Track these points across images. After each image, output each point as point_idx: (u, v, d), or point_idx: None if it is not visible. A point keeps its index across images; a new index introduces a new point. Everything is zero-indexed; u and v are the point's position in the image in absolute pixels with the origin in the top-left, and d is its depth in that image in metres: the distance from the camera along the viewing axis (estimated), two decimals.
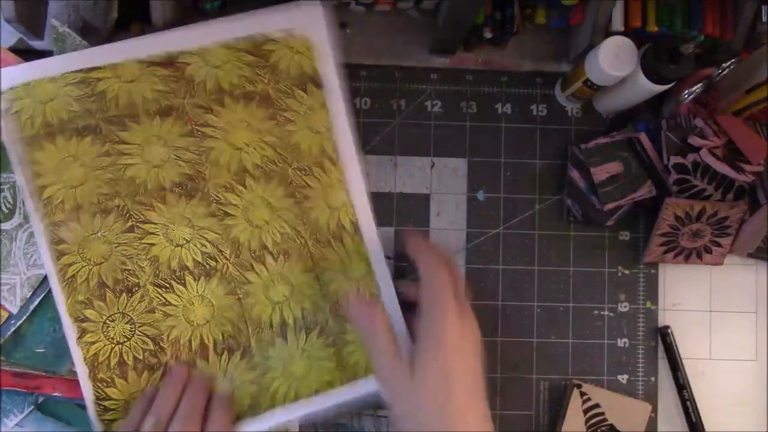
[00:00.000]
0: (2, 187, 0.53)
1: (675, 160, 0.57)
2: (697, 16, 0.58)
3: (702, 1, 0.58)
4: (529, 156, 0.62)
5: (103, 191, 0.52)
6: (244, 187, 0.52)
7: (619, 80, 0.55)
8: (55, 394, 0.52)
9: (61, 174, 0.51)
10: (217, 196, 0.52)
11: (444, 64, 0.62)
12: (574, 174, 0.59)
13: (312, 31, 0.52)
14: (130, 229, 0.52)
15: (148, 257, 0.52)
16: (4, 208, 0.53)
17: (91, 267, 0.52)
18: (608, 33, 0.57)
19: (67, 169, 0.51)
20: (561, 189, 0.62)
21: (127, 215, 0.52)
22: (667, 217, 0.58)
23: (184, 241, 0.52)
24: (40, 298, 0.52)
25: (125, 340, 0.52)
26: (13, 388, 0.52)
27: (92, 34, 0.59)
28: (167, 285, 0.52)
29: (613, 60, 0.54)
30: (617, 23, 0.57)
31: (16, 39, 0.59)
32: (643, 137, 0.58)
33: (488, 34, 0.59)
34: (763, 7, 0.57)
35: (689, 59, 0.54)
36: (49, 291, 0.52)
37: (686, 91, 0.58)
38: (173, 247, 0.52)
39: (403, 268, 0.59)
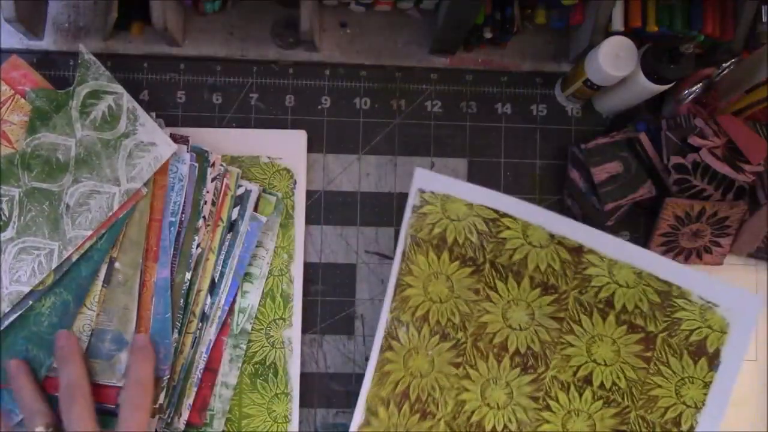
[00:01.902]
0: (1, 199, 0.51)
1: (675, 160, 0.57)
2: (697, 16, 0.58)
3: (702, 1, 0.58)
4: (529, 156, 0.62)
5: (453, 319, 0.53)
6: (579, 396, 0.52)
7: (619, 80, 0.55)
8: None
9: (428, 284, 0.53)
10: (549, 389, 0.52)
11: (444, 64, 0.62)
12: (574, 174, 0.59)
13: (738, 319, 0.51)
14: (456, 365, 0.53)
15: (455, 399, 0.52)
16: None
17: (405, 374, 0.53)
18: (608, 33, 0.57)
19: (435, 283, 0.53)
20: (561, 189, 0.62)
21: (461, 352, 0.53)
22: (667, 217, 0.58)
23: (495, 406, 0.52)
24: (17, 315, 0.50)
25: None
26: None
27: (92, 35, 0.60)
28: None
29: (613, 60, 0.54)
30: (617, 23, 0.57)
31: (16, 39, 0.59)
32: (643, 137, 0.58)
33: (488, 34, 0.59)
34: (763, 7, 0.57)
35: (689, 59, 0.54)
36: (28, 309, 0.50)
37: (686, 91, 0.58)
38: (481, 404, 0.52)
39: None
